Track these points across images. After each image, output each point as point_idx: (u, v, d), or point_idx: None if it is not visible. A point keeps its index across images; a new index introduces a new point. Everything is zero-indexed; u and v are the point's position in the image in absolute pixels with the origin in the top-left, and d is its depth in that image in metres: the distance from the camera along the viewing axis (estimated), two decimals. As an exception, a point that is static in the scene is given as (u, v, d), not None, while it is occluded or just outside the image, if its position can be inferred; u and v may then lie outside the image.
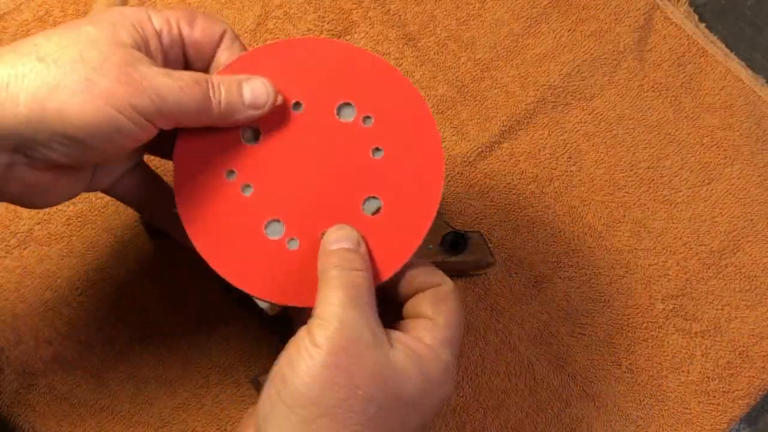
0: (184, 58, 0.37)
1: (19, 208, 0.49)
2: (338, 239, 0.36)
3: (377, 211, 0.37)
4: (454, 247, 0.49)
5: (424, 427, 0.35)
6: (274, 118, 0.37)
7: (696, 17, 0.61)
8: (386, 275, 0.37)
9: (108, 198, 0.46)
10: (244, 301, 0.49)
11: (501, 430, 0.51)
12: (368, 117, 0.37)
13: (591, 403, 0.52)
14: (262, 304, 0.38)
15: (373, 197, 0.37)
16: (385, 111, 0.37)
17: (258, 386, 0.46)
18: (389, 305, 0.37)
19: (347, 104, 0.37)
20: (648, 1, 0.59)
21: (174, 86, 0.33)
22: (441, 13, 0.57)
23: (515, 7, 0.58)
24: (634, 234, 0.55)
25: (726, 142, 0.57)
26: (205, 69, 0.37)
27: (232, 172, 0.37)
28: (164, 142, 0.37)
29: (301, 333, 0.33)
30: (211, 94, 0.34)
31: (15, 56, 0.31)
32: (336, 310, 0.33)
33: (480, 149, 0.55)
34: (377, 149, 0.37)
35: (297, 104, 0.37)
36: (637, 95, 0.58)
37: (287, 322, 0.41)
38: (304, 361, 0.32)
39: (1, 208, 0.50)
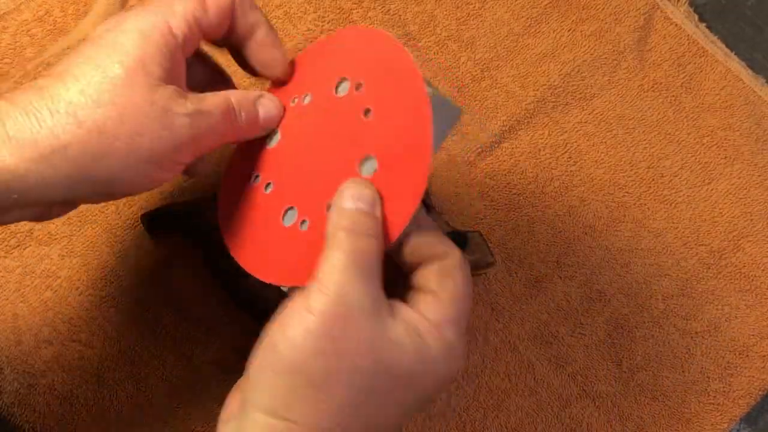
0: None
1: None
2: (353, 197, 0.33)
3: (375, 172, 0.35)
4: (454, 247, 0.49)
5: (422, 405, 0.34)
6: (289, 118, 0.38)
7: (696, 17, 0.61)
8: (391, 239, 0.35)
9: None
10: (245, 302, 0.49)
11: (501, 430, 0.50)
12: (360, 84, 0.36)
13: (591, 403, 0.52)
14: (285, 288, 0.37)
15: (369, 157, 0.35)
16: (374, 75, 0.36)
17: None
18: (401, 274, 0.36)
19: (343, 79, 0.37)
20: (648, 1, 0.59)
21: (208, 125, 0.35)
22: (441, 13, 0.57)
23: (515, 7, 0.58)
24: (634, 234, 0.55)
25: (726, 142, 0.57)
26: (229, 36, 0.39)
27: (257, 176, 0.38)
28: None
29: (297, 296, 0.32)
30: (237, 120, 0.37)
31: (49, 114, 0.32)
32: (337, 278, 0.31)
33: (480, 149, 0.55)
34: (367, 110, 0.36)
35: (305, 97, 0.38)
36: (637, 95, 0.58)
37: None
38: (296, 326, 0.31)
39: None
